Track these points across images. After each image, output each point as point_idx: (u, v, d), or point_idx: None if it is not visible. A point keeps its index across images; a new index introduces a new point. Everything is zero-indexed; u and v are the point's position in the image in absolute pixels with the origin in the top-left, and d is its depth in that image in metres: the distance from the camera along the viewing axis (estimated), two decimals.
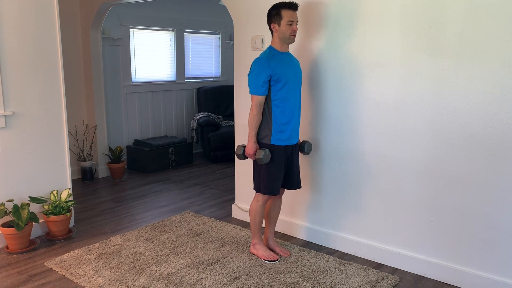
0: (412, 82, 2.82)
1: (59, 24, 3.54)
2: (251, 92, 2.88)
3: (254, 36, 3.57)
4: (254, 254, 3.19)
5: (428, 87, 2.76)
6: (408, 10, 2.77)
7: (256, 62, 2.89)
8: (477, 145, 2.63)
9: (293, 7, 2.87)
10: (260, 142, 2.96)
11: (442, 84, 2.70)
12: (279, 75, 2.84)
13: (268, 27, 2.97)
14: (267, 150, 2.91)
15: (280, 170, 2.99)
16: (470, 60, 2.59)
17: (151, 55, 6.01)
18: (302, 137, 3.40)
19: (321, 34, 3.18)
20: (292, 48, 3.22)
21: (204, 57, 6.77)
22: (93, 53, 5.09)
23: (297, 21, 2.91)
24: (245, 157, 3.05)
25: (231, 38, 6.84)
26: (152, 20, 5.89)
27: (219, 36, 6.85)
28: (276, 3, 2.91)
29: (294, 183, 3.12)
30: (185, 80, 6.50)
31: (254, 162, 3.03)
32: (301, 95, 3.31)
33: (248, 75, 2.91)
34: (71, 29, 4.98)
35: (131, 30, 5.69)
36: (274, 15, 2.88)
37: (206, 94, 6.50)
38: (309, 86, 3.31)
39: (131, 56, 5.73)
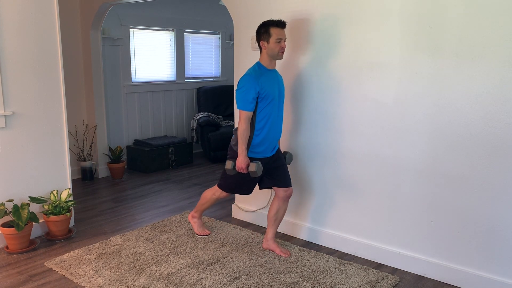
0: (412, 82, 2.82)
1: (59, 24, 3.54)
2: (239, 108, 2.94)
3: (254, 36, 3.56)
4: (189, 222, 3.64)
5: (428, 87, 2.76)
6: (408, 10, 2.77)
7: (246, 78, 2.94)
8: (477, 145, 2.63)
9: (281, 25, 2.95)
10: (236, 152, 3.02)
11: (442, 84, 2.70)
12: (267, 92, 2.92)
13: (257, 45, 3.03)
14: (259, 162, 2.96)
15: (242, 180, 3.08)
16: (470, 60, 2.59)
17: (151, 55, 6.01)
18: (300, 138, 3.40)
19: (317, 34, 3.18)
20: (283, 59, 3.22)
21: (204, 57, 6.77)
22: (93, 53, 5.09)
23: (285, 38, 2.99)
24: (236, 171, 3.06)
25: (231, 38, 6.84)
26: (152, 20, 5.89)
27: (219, 36, 6.85)
28: (265, 21, 2.99)
29: (288, 181, 3.17)
30: (185, 80, 6.50)
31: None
32: (301, 95, 3.32)
33: (237, 91, 2.97)
34: (71, 29, 4.98)
35: (131, 30, 5.69)
36: (263, 32, 2.95)
37: (206, 94, 6.50)
38: (307, 86, 3.31)
39: (131, 56, 5.73)
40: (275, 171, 3.14)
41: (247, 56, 3.63)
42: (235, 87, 3.78)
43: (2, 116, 3.26)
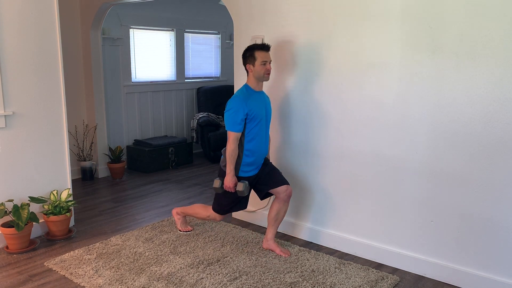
0: (412, 82, 2.82)
1: (59, 24, 3.54)
2: (228, 129, 3.02)
3: (254, 36, 3.57)
4: (173, 217, 3.67)
5: (428, 87, 2.76)
6: (408, 10, 2.77)
7: (234, 100, 3.02)
8: (477, 145, 2.63)
9: (266, 48, 3.05)
10: (225, 171, 3.08)
11: (442, 84, 2.70)
12: (254, 114, 3.01)
13: (244, 68, 3.11)
14: (246, 182, 3.06)
15: (235, 198, 3.16)
16: (470, 60, 2.59)
17: (151, 55, 6.01)
18: (302, 138, 3.40)
19: (317, 34, 3.18)
20: (290, 52, 3.22)
21: (204, 57, 6.77)
22: (93, 53, 5.09)
23: (270, 60, 3.07)
24: (223, 190, 3.13)
25: (231, 38, 6.84)
26: (152, 20, 5.89)
27: (219, 36, 6.85)
28: (250, 46, 3.09)
29: (284, 180, 3.19)
30: (185, 80, 6.50)
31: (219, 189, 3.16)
32: (300, 96, 3.32)
33: (225, 112, 3.04)
34: (71, 29, 4.98)
35: (131, 30, 5.69)
36: (248, 56, 3.06)
37: (206, 94, 6.50)
38: (307, 86, 3.31)
39: (131, 56, 5.73)
40: (268, 176, 3.19)
41: None
42: (235, 88, 3.80)
43: (2, 116, 3.26)
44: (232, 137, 3.00)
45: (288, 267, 3.02)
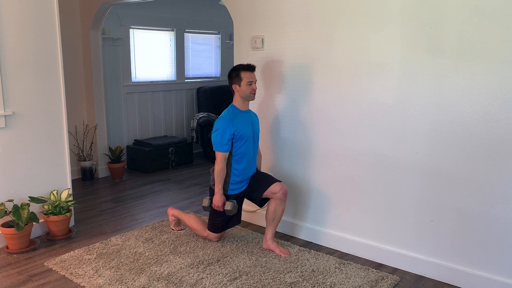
0: (412, 82, 2.82)
1: (59, 24, 3.54)
2: (215, 149, 3.12)
3: (254, 36, 3.57)
4: (168, 216, 3.66)
5: (428, 87, 2.76)
6: (408, 10, 2.77)
7: (220, 121, 3.12)
8: (477, 145, 2.63)
9: (251, 68, 3.13)
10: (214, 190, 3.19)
11: (442, 84, 2.70)
12: (241, 133, 3.11)
13: (230, 87, 3.17)
14: (234, 201, 3.16)
15: (227, 216, 3.25)
16: (470, 60, 2.59)
17: (151, 55, 6.01)
18: (302, 138, 3.40)
19: (317, 34, 3.19)
20: (289, 51, 3.21)
21: (204, 57, 6.77)
22: (93, 53, 5.09)
23: (256, 80, 3.15)
24: (212, 209, 3.24)
25: (231, 38, 6.84)
26: (152, 20, 5.89)
27: (219, 36, 6.85)
28: (235, 66, 3.18)
29: (275, 180, 3.22)
30: (185, 80, 6.50)
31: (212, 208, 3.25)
32: (299, 96, 3.32)
33: (212, 133, 3.12)
34: (71, 29, 4.98)
35: (131, 30, 5.69)
36: (234, 77, 3.14)
37: (206, 94, 6.50)
38: (307, 86, 3.31)
39: (131, 56, 5.73)
40: (257, 184, 3.26)
41: (247, 56, 3.63)
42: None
43: (2, 116, 3.26)
44: (220, 157, 3.09)
45: (288, 267, 3.02)
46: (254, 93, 3.14)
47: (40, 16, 3.42)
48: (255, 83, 3.13)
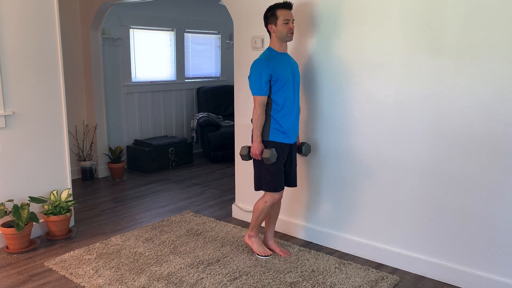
0: (412, 82, 2.82)
1: (59, 24, 3.54)
2: (253, 93, 2.91)
3: (254, 36, 3.57)
4: (247, 244, 3.26)
5: (428, 87, 2.76)
6: (408, 10, 2.77)
7: (256, 63, 2.92)
8: (477, 145, 2.63)
9: (288, 6, 2.93)
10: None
11: (442, 84, 2.70)
12: (279, 75, 2.88)
13: (266, 30, 3.00)
14: (273, 149, 2.93)
15: (280, 166, 3.01)
16: (470, 60, 2.59)
17: (151, 55, 6.01)
18: (301, 137, 3.40)
19: (317, 34, 3.18)
20: (288, 50, 3.22)
21: (204, 57, 6.77)
22: (93, 53, 5.09)
23: (293, 19, 2.96)
24: (250, 158, 3.05)
25: (231, 38, 6.84)
26: (152, 20, 5.89)
27: (219, 36, 6.85)
28: (271, 5, 2.97)
29: (291, 181, 3.16)
30: (185, 80, 6.50)
31: (255, 161, 3.03)
32: (300, 96, 3.31)
33: (249, 77, 2.94)
34: (71, 29, 4.98)
35: (131, 30, 5.69)
36: (270, 16, 2.94)
37: (206, 94, 6.50)
38: (306, 86, 3.31)
39: (131, 56, 5.72)
40: (288, 176, 3.13)
41: (247, 56, 3.63)
42: (236, 88, 3.80)
43: (2, 116, 3.26)
44: (258, 101, 2.89)
45: (288, 267, 3.02)
46: (292, 33, 2.92)
47: (40, 16, 3.42)
48: (293, 22, 2.92)
